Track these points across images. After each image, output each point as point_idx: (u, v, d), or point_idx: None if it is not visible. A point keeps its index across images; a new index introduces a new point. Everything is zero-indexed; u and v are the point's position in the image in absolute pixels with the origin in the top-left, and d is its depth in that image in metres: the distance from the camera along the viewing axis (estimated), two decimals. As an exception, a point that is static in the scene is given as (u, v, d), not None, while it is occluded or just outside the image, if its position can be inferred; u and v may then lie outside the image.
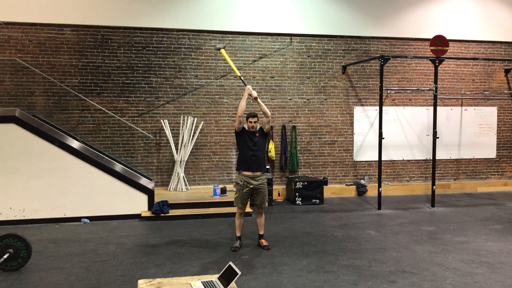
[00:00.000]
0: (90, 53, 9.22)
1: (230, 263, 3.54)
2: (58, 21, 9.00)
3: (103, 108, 9.23)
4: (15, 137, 7.67)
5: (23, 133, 7.68)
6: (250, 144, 6.20)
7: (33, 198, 7.75)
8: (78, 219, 7.92)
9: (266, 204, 6.39)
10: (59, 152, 7.82)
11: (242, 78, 6.69)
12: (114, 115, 9.29)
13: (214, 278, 3.62)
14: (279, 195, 9.98)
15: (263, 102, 9.76)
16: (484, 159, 11.33)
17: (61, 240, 6.78)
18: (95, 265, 5.65)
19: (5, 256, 5.28)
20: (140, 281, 3.62)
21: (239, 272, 3.44)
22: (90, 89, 9.25)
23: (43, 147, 7.76)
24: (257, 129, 6.34)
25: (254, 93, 6.26)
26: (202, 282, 3.55)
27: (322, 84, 10.31)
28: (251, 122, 6.25)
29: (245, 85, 6.40)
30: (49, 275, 5.30)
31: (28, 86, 8.99)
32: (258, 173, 6.25)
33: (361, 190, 10.37)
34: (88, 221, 7.90)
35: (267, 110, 6.29)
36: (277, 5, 9.91)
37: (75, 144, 8.11)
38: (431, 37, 9.39)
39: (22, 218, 7.71)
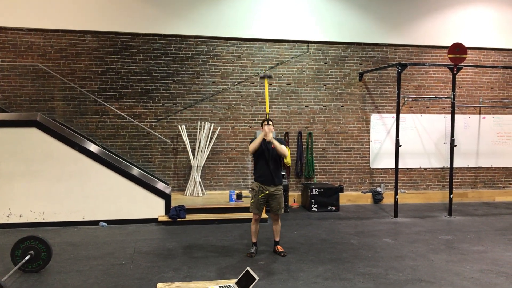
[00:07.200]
0: (110, 59, 9.38)
1: (248, 268, 3.57)
2: (79, 27, 9.19)
3: (122, 113, 9.37)
4: (37, 141, 7.82)
5: (44, 137, 7.84)
6: (266, 157, 6.16)
7: (53, 201, 7.89)
8: (96, 222, 8.03)
9: (282, 210, 6.39)
10: (79, 156, 7.96)
11: (268, 115, 6.38)
12: (133, 120, 9.43)
13: (231, 283, 3.66)
14: (294, 201, 9.99)
15: (279, 108, 9.91)
16: (503, 168, 11.19)
17: (79, 243, 6.89)
18: (113, 268, 5.72)
19: (26, 258, 5.39)
20: (159, 285, 3.68)
21: (257, 278, 3.47)
22: (110, 95, 9.40)
23: (64, 151, 7.90)
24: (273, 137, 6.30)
25: (270, 136, 6.09)
26: (220, 286, 3.59)
27: (339, 91, 10.32)
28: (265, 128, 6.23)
29: (268, 124, 6.16)
30: (68, 277, 5.39)
31: (49, 91, 9.18)
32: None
33: (377, 197, 10.32)
34: (106, 224, 8.01)
35: (284, 151, 6.21)
36: (295, 12, 9.96)
37: (94, 148, 8.24)
38: (449, 44, 9.36)
39: (42, 220, 7.85)
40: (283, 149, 6.20)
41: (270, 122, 6.26)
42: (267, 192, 6.20)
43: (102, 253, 6.37)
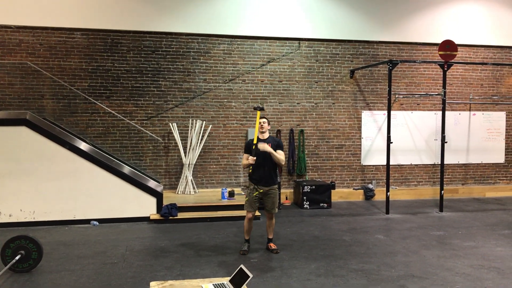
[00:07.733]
0: (100, 57, 9.30)
1: (242, 266, 3.56)
2: (68, 25, 9.10)
3: (113, 111, 9.30)
4: (26, 139, 7.74)
5: (34, 136, 7.76)
6: (261, 161, 6.09)
7: (44, 200, 7.81)
8: (87, 221, 7.97)
9: (276, 209, 6.37)
10: (69, 155, 7.89)
11: (254, 148, 6.13)
12: (123, 118, 9.36)
13: (225, 280, 3.65)
14: (286, 198, 10.00)
15: (270, 106, 9.90)
16: (493, 164, 11.28)
17: (71, 242, 6.83)
18: (105, 267, 5.69)
19: (17, 258, 5.33)
20: (152, 283, 3.65)
21: (251, 275, 3.46)
22: (100, 93, 9.33)
23: (54, 149, 7.83)
24: (268, 137, 6.26)
25: (262, 147, 6.00)
26: (213, 284, 3.58)
27: (330, 88, 10.33)
28: (260, 123, 6.22)
29: (253, 150, 6.08)
30: (59, 277, 5.35)
31: (38, 89, 9.08)
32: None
33: (368, 194, 10.36)
34: (97, 223, 7.95)
35: (280, 159, 6.12)
36: (286, 9, 9.95)
37: (84, 147, 8.17)
38: (439, 41, 9.41)
39: (32, 220, 7.78)
40: (279, 158, 6.11)
41: (265, 120, 6.23)
42: (262, 190, 6.19)
43: (93, 252, 6.32)
